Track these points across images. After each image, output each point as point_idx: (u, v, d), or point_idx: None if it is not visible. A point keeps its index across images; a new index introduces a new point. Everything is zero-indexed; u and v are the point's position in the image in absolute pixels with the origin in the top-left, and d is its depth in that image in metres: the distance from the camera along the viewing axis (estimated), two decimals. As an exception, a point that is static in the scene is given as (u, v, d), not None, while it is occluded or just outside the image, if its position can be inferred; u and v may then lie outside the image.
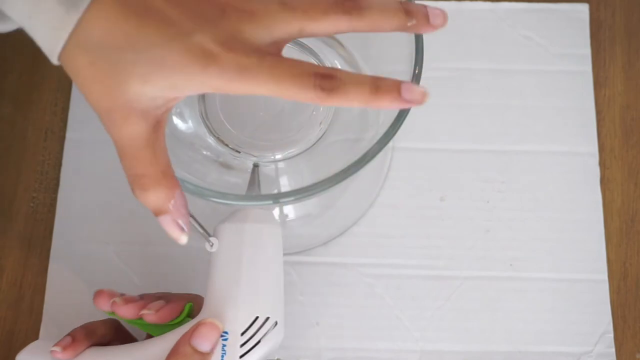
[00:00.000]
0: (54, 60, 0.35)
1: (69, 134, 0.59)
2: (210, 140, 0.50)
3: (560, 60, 0.61)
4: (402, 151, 0.59)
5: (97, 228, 0.57)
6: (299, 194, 0.39)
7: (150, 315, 0.44)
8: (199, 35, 0.34)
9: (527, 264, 0.56)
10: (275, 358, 0.54)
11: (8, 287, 0.56)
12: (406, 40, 0.42)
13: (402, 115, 0.41)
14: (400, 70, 0.43)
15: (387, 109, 0.36)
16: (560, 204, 0.58)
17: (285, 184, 0.51)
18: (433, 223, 0.57)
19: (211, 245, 0.44)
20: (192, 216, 0.44)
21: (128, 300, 0.45)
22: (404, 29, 0.37)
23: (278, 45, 0.36)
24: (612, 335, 0.55)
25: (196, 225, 0.44)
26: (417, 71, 0.41)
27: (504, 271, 0.56)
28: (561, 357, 0.54)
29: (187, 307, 0.45)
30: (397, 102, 0.35)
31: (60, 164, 0.58)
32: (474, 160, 0.59)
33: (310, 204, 0.57)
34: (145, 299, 0.46)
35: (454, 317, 0.55)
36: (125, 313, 0.45)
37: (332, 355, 0.54)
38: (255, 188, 0.47)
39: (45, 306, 0.55)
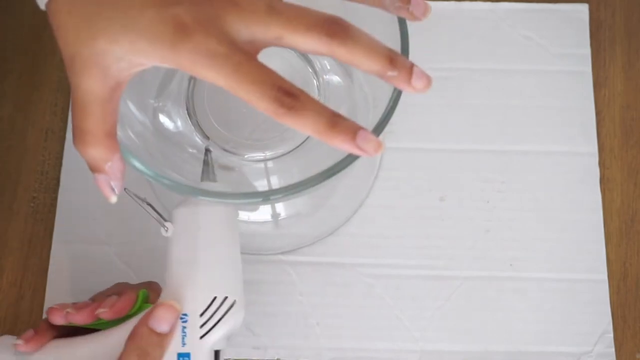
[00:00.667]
0: (42, 6, 0.36)
1: (69, 134, 0.59)
2: (198, 139, 0.50)
3: (560, 60, 0.61)
4: (402, 151, 0.59)
5: (97, 228, 0.57)
6: (287, 191, 0.39)
7: (106, 312, 0.44)
8: (178, 8, 0.34)
9: (527, 264, 0.56)
10: (275, 358, 0.54)
11: (8, 287, 0.56)
12: (394, 37, 0.42)
13: (387, 116, 0.40)
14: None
15: (337, 147, 0.35)
16: (560, 204, 0.58)
17: (275, 183, 0.51)
18: (433, 223, 0.57)
19: (166, 230, 0.44)
20: (147, 203, 0.45)
21: (80, 307, 0.45)
22: (382, 76, 0.36)
23: (254, 47, 0.36)
24: (612, 335, 0.55)
25: (151, 212, 0.44)
26: (395, 94, 0.41)
27: (504, 271, 0.56)
28: (561, 357, 0.54)
29: (140, 294, 0.45)
30: (348, 146, 0.35)
31: (60, 164, 0.58)
32: (474, 160, 0.59)
33: (301, 202, 0.57)
34: (97, 299, 0.46)
35: (454, 317, 0.55)
36: (81, 319, 0.45)
37: (332, 355, 0.54)
38: (210, 174, 0.47)
39: (45, 306, 0.55)
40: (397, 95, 0.41)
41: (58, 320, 0.45)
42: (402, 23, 0.42)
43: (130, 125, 0.45)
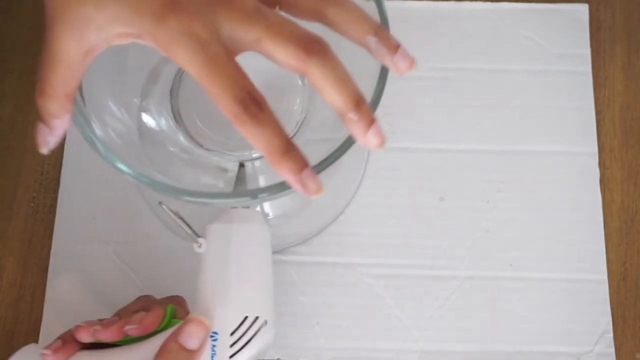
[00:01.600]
0: None
1: (69, 135, 0.59)
2: (184, 140, 0.49)
3: (560, 60, 0.61)
4: (402, 151, 0.59)
5: (97, 228, 0.57)
6: (275, 189, 0.39)
7: (134, 329, 0.44)
8: None
9: (527, 264, 0.56)
10: (275, 358, 0.54)
11: (8, 287, 0.56)
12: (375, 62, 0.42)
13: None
14: (373, 68, 0.42)
15: (281, 174, 0.35)
16: (560, 204, 0.58)
17: (262, 183, 0.51)
18: (433, 223, 0.57)
19: (199, 246, 0.44)
20: (180, 218, 0.44)
21: (108, 324, 0.44)
22: (342, 115, 0.35)
23: (232, 45, 0.35)
24: (611, 335, 0.55)
25: (184, 227, 0.44)
26: (379, 87, 0.41)
27: (504, 271, 0.56)
28: (561, 357, 0.54)
29: (168, 310, 0.45)
30: (292, 177, 0.35)
31: (60, 164, 0.58)
32: (474, 160, 0.59)
33: (288, 202, 0.57)
34: (124, 316, 0.45)
35: (454, 317, 0.55)
36: (109, 337, 0.44)
37: (332, 355, 0.54)
38: (242, 187, 0.46)
39: (45, 306, 0.55)
40: (378, 94, 0.40)
41: (85, 338, 0.44)
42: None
43: (112, 124, 0.45)
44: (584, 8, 0.63)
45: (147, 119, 0.50)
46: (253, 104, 0.34)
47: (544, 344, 0.55)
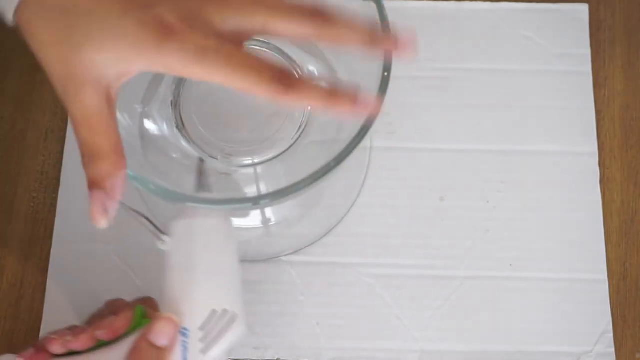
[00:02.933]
0: (9, 20, 0.35)
1: (69, 134, 0.59)
2: (186, 146, 0.49)
3: (560, 60, 0.61)
4: (402, 151, 0.59)
5: (97, 228, 0.56)
6: (276, 195, 0.39)
7: (104, 333, 0.44)
8: (159, 7, 0.34)
9: (527, 264, 0.56)
10: (275, 358, 0.54)
11: (8, 287, 0.56)
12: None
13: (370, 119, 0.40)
14: (374, 67, 0.43)
15: (342, 111, 0.35)
16: (560, 204, 0.58)
17: (263, 189, 0.51)
18: (433, 223, 0.57)
19: (163, 243, 0.44)
20: (144, 216, 0.44)
21: (78, 332, 0.44)
22: (370, 45, 0.37)
23: (240, 37, 0.36)
24: (611, 335, 0.55)
25: (148, 225, 0.44)
26: (385, 74, 0.41)
27: (504, 271, 0.56)
28: (561, 357, 0.54)
29: (137, 310, 0.45)
30: (353, 108, 0.35)
31: (60, 164, 0.58)
32: (474, 160, 0.59)
33: (290, 207, 0.57)
34: (94, 322, 0.46)
35: (454, 317, 0.55)
36: (81, 345, 0.44)
37: (332, 355, 0.54)
38: (204, 185, 0.46)
39: (45, 306, 0.55)
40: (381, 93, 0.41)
41: (57, 349, 0.44)
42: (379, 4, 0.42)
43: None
44: (584, 8, 0.63)
45: (149, 125, 0.50)
46: (284, 77, 0.35)
47: (544, 344, 0.55)
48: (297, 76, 0.35)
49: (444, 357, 0.54)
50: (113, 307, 0.48)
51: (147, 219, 0.44)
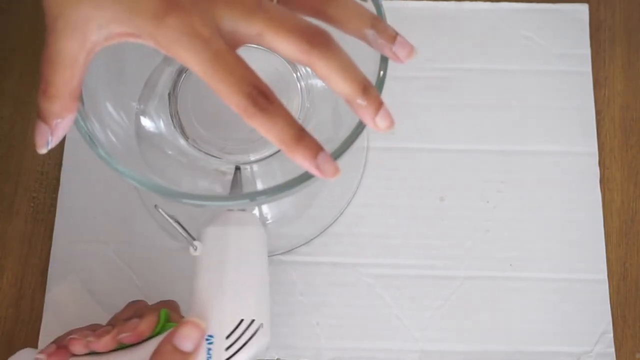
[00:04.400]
0: None
1: (69, 134, 0.58)
2: (182, 143, 0.49)
3: (560, 60, 0.61)
4: (402, 151, 0.59)
5: (97, 228, 0.57)
6: (273, 191, 0.39)
7: (129, 337, 0.43)
8: None
9: (527, 264, 0.56)
10: (275, 358, 0.54)
11: (8, 287, 0.56)
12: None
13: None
14: (371, 70, 0.42)
15: (297, 162, 0.35)
16: (560, 204, 0.58)
17: (259, 187, 0.51)
18: (433, 223, 0.57)
19: (195, 249, 0.44)
20: (176, 221, 0.44)
21: (101, 334, 0.44)
22: (351, 101, 0.36)
23: (234, 40, 0.35)
24: (611, 335, 0.55)
25: (180, 230, 0.44)
26: (382, 74, 0.41)
27: (504, 271, 0.56)
28: (561, 357, 0.54)
29: (162, 314, 0.44)
30: (308, 164, 0.35)
31: (60, 164, 0.58)
32: (474, 160, 0.59)
33: (285, 205, 0.57)
34: (117, 324, 0.45)
35: (454, 317, 0.55)
36: (103, 347, 0.44)
37: (332, 355, 0.54)
38: (238, 190, 0.46)
39: (45, 306, 0.55)
40: (381, 81, 0.40)
41: (79, 350, 0.44)
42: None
43: (112, 128, 0.45)
44: (584, 8, 0.63)
45: (145, 122, 0.50)
46: (261, 97, 0.34)
47: (544, 344, 0.55)
48: (277, 103, 0.34)
49: (444, 357, 0.54)
50: (137, 309, 0.47)
51: (180, 224, 0.43)
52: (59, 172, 0.58)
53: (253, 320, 0.43)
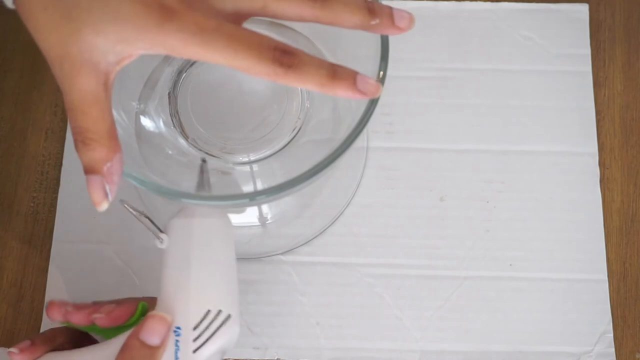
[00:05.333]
0: (9, 4, 0.35)
1: (69, 134, 0.59)
2: (182, 143, 0.50)
3: (560, 60, 0.61)
4: (402, 151, 0.59)
5: (97, 228, 0.57)
6: (272, 191, 0.39)
7: (102, 318, 0.44)
8: None
9: (526, 264, 0.56)
10: (275, 358, 0.54)
11: (8, 287, 0.56)
12: (375, 44, 0.42)
13: (365, 117, 0.40)
14: (370, 70, 0.43)
15: (341, 96, 0.36)
16: (560, 204, 0.58)
17: (259, 186, 0.51)
18: (433, 223, 0.57)
19: (161, 242, 0.44)
20: (143, 214, 0.44)
21: (80, 307, 0.45)
22: (367, 27, 0.37)
23: (239, 17, 0.36)
24: (611, 335, 0.55)
25: (147, 224, 0.44)
26: (381, 74, 0.41)
27: (504, 271, 0.56)
28: (561, 357, 0.54)
29: (140, 307, 0.44)
30: (351, 91, 0.35)
31: (60, 164, 0.58)
32: (474, 160, 0.59)
33: (286, 204, 0.57)
34: (97, 304, 0.46)
35: (454, 317, 0.55)
36: (78, 320, 0.44)
37: (332, 355, 0.54)
38: (205, 184, 0.46)
39: (45, 306, 0.55)
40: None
41: (56, 315, 0.45)
42: None
43: None
44: (584, 8, 0.63)
45: (145, 122, 0.50)
46: (285, 56, 0.34)
47: (544, 344, 0.55)
48: (301, 54, 0.35)
49: (444, 357, 0.54)
50: (121, 300, 0.47)
51: (148, 217, 0.44)
52: (59, 172, 0.58)
53: (220, 311, 0.42)
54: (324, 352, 0.54)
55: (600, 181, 0.58)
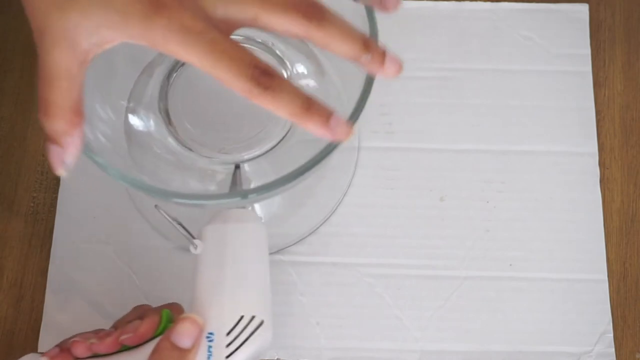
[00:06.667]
0: None
1: (69, 134, 0.59)
2: (173, 143, 0.49)
3: (560, 60, 0.61)
4: (402, 151, 0.59)
5: (97, 228, 0.57)
6: (264, 189, 0.39)
7: (130, 338, 0.43)
8: None
9: (526, 264, 0.56)
10: (275, 358, 0.54)
11: (8, 287, 0.56)
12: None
13: (353, 117, 0.40)
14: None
15: (310, 130, 0.35)
16: (560, 204, 0.58)
17: (251, 186, 0.51)
18: (433, 223, 0.57)
19: (195, 248, 0.44)
20: (176, 221, 0.44)
21: (103, 336, 0.44)
22: (357, 59, 0.36)
23: (229, 26, 0.35)
24: (611, 335, 0.55)
25: (180, 229, 0.44)
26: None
27: (504, 271, 0.56)
28: (561, 357, 0.54)
29: (164, 315, 0.44)
30: (322, 129, 0.35)
31: (60, 164, 0.58)
32: (474, 160, 0.59)
33: (278, 203, 0.57)
34: (120, 326, 0.45)
35: (454, 317, 0.55)
36: (107, 349, 0.44)
37: (332, 355, 0.54)
38: (237, 188, 0.46)
39: (45, 306, 0.55)
40: (366, 90, 0.40)
41: (82, 353, 0.44)
42: (369, 11, 0.42)
43: (100, 128, 0.45)
44: (584, 8, 0.63)
45: (135, 121, 0.50)
46: (263, 76, 0.34)
47: (544, 344, 0.55)
48: (279, 78, 0.34)
49: (444, 357, 0.54)
50: (140, 312, 0.47)
51: (180, 224, 0.44)
52: (59, 172, 0.58)
53: (253, 317, 0.42)
54: (324, 352, 0.54)
55: (600, 181, 0.58)
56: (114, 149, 0.38)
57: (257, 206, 0.56)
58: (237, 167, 0.48)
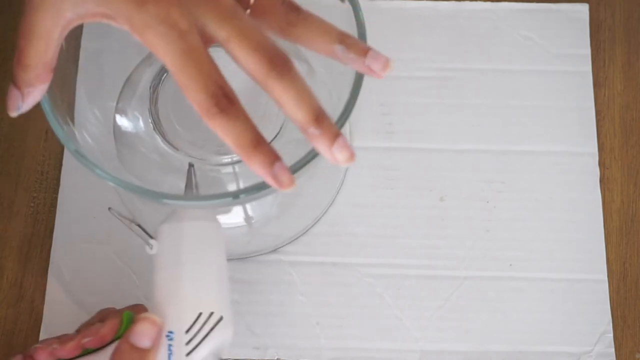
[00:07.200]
0: None
1: (69, 134, 0.59)
2: (161, 144, 0.49)
3: (560, 60, 0.61)
4: (402, 151, 0.59)
5: (97, 228, 0.57)
6: (254, 189, 0.39)
7: (91, 341, 0.43)
8: None
9: (526, 264, 0.56)
10: (275, 358, 0.54)
11: (8, 287, 0.56)
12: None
13: (342, 117, 0.40)
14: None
15: (253, 170, 0.35)
16: (560, 204, 0.58)
17: (242, 186, 0.51)
18: (433, 223, 0.57)
19: (151, 248, 0.44)
20: (133, 221, 0.44)
21: (65, 340, 0.44)
22: (304, 129, 0.36)
23: (206, 39, 0.35)
24: (611, 335, 0.55)
25: (136, 230, 0.44)
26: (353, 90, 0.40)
27: (504, 271, 0.56)
28: (561, 357, 0.54)
29: (125, 316, 0.44)
30: (264, 171, 0.35)
31: (60, 164, 0.58)
32: (474, 160, 0.59)
33: (270, 204, 0.56)
34: (82, 330, 0.45)
35: (454, 317, 0.55)
36: (68, 352, 0.44)
37: (332, 355, 0.54)
38: (193, 188, 0.46)
39: (45, 306, 0.55)
40: (356, 89, 0.40)
41: (45, 359, 0.44)
42: (359, 22, 0.41)
43: (88, 128, 0.45)
44: (584, 8, 0.63)
45: (123, 122, 0.50)
46: (224, 99, 0.34)
47: (544, 344, 0.55)
48: (239, 107, 0.34)
49: (444, 357, 0.54)
50: (103, 315, 0.47)
51: (138, 224, 0.44)
52: (59, 172, 0.58)
53: (212, 313, 0.42)
54: (324, 352, 0.54)
55: (600, 181, 0.58)
56: (102, 150, 0.38)
57: (248, 206, 0.56)
58: (192, 165, 0.47)
